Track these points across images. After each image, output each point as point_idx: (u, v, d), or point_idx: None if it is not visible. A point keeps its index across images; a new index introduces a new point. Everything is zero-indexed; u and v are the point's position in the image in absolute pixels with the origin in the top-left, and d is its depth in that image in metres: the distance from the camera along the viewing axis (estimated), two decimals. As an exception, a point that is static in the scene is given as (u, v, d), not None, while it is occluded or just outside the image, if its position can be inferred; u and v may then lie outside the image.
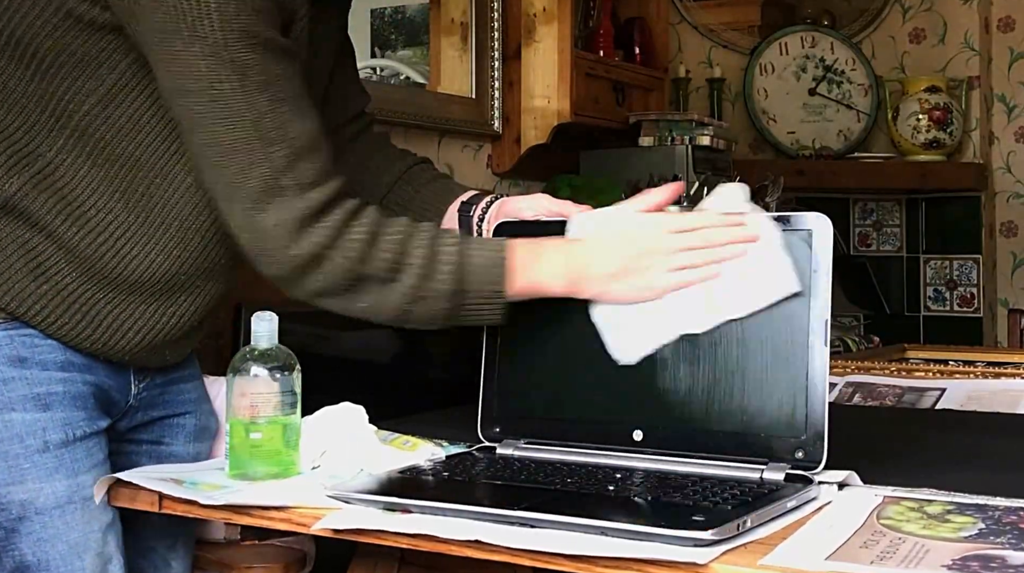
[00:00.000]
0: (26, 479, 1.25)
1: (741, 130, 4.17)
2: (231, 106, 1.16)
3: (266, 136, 1.17)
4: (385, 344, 2.07)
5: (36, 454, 1.25)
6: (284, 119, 1.18)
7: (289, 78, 1.20)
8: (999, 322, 4.23)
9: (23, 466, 1.25)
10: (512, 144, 3.22)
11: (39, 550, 1.25)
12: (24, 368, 1.26)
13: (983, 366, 2.43)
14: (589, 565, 0.98)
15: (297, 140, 1.19)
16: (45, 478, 1.25)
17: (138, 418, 1.41)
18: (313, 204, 1.19)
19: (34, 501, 1.25)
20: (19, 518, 1.25)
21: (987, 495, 1.12)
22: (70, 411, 1.28)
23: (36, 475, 1.25)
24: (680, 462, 1.23)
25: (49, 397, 1.27)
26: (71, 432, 1.28)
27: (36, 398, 1.26)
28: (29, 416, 1.25)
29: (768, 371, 1.21)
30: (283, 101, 1.18)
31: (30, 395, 1.26)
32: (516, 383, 1.35)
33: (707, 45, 4.30)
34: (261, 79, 1.17)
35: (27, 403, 1.25)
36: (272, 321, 1.27)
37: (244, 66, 1.15)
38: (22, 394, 1.25)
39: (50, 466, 1.26)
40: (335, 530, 1.11)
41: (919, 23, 4.34)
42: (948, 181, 4.19)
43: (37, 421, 1.26)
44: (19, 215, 1.25)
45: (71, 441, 1.27)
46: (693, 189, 3.23)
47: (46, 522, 1.25)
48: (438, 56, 3.20)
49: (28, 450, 1.25)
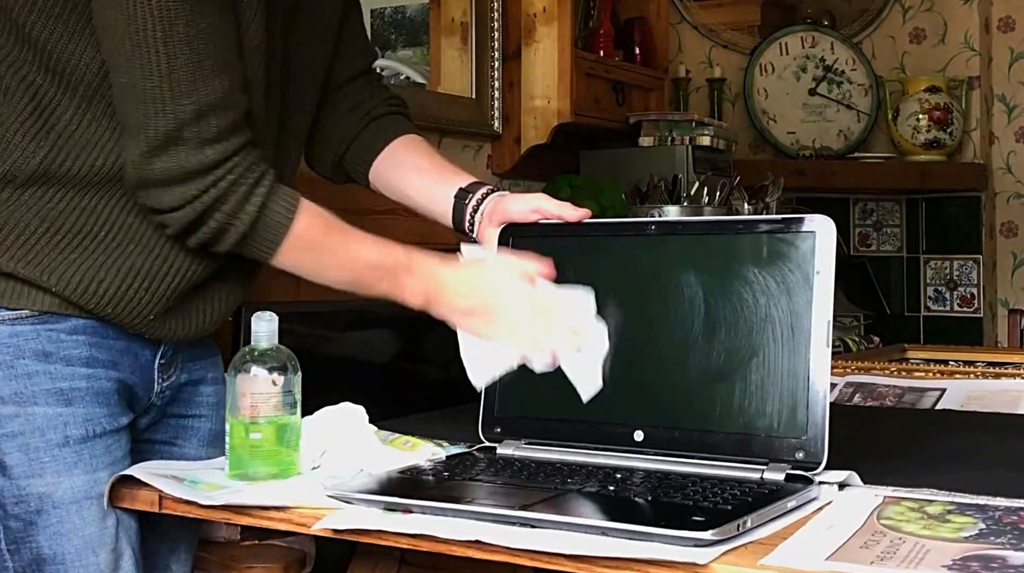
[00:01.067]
0: (45, 473, 1.26)
1: (741, 130, 4.17)
2: (151, 55, 1.19)
3: (179, 88, 1.20)
4: (385, 344, 2.06)
5: (56, 448, 1.27)
6: (200, 74, 1.21)
7: (215, 34, 1.23)
8: (999, 322, 4.23)
9: (43, 460, 1.26)
10: (512, 144, 3.22)
11: (55, 544, 1.27)
12: (49, 363, 1.27)
13: (983, 366, 2.43)
14: (589, 565, 0.98)
15: (209, 96, 1.22)
16: (64, 472, 1.27)
17: (155, 415, 1.41)
18: (205, 160, 1.23)
19: (52, 495, 1.26)
20: (37, 511, 1.26)
21: (987, 495, 1.12)
22: (92, 407, 1.29)
23: (55, 469, 1.26)
24: (680, 462, 1.23)
25: (72, 392, 1.28)
26: (92, 428, 1.29)
27: (59, 393, 1.27)
28: (51, 410, 1.27)
29: (769, 371, 1.21)
30: (204, 56, 1.21)
31: (53, 390, 1.27)
32: (517, 383, 1.35)
33: (707, 45, 4.30)
34: (185, 33, 1.20)
35: (50, 398, 1.27)
36: (272, 321, 1.27)
37: (171, 18, 1.19)
38: (45, 388, 1.27)
39: (69, 461, 1.27)
40: (335, 530, 1.11)
41: (919, 23, 4.34)
42: (948, 181, 4.19)
43: (59, 416, 1.27)
44: (43, 184, 1.27)
45: (91, 437, 1.29)
46: (693, 189, 3.23)
47: (63, 516, 1.27)
48: (438, 56, 3.20)
49: (49, 444, 1.26)
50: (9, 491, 1.26)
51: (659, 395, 1.27)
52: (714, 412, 1.24)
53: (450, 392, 1.68)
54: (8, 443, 1.26)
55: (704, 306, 1.26)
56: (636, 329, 1.31)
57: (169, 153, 1.22)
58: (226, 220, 1.25)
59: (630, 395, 1.28)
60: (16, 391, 1.26)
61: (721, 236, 1.28)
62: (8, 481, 1.26)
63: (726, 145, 3.52)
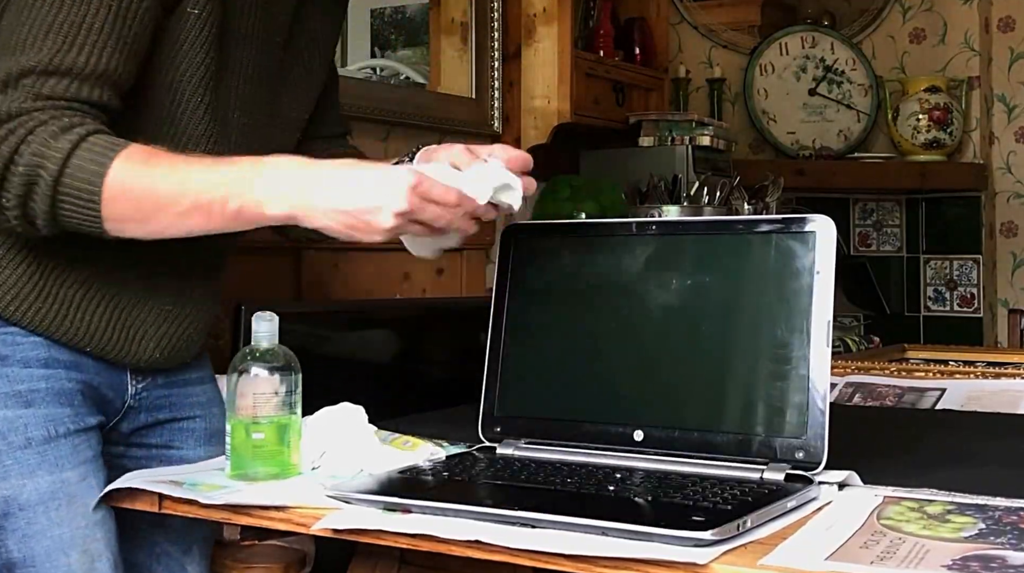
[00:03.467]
0: (9, 475, 1.26)
1: (741, 130, 4.17)
2: None
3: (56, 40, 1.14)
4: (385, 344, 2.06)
5: (18, 450, 1.26)
6: (83, 42, 1.15)
7: (126, 15, 1.17)
8: (999, 322, 4.23)
9: (6, 462, 1.26)
10: (512, 144, 3.21)
11: (24, 546, 1.26)
12: (5, 366, 1.27)
13: (983, 366, 2.43)
14: (589, 565, 0.98)
15: (75, 65, 1.14)
16: (27, 474, 1.26)
17: (141, 420, 1.40)
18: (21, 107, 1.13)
19: (17, 497, 1.26)
20: (4, 514, 1.26)
21: (987, 495, 1.12)
22: (53, 408, 1.28)
23: (19, 471, 1.26)
24: (680, 462, 1.23)
25: (31, 394, 1.27)
26: (54, 428, 1.28)
27: (17, 395, 1.27)
28: (11, 413, 1.26)
29: (769, 371, 1.21)
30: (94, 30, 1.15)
31: (11, 393, 1.27)
32: (516, 383, 1.35)
33: (707, 45, 4.30)
34: None
35: (8, 400, 1.26)
36: (272, 321, 1.27)
37: None
38: (3, 392, 1.26)
39: (32, 462, 1.26)
40: (335, 530, 1.11)
41: (919, 23, 4.34)
42: (948, 181, 4.19)
43: (19, 417, 1.26)
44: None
45: (54, 437, 1.28)
46: (693, 189, 3.23)
47: (30, 518, 1.26)
48: (438, 56, 3.20)
49: (11, 447, 1.26)
50: None
51: (659, 395, 1.27)
52: (714, 412, 1.24)
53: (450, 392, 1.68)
54: None
55: (704, 306, 1.26)
56: (636, 329, 1.31)
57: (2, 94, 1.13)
58: (31, 168, 1.12)
59: (630, 395, 1.28)
60: None
61: (721, 236, 1.28)
62: None
63: (726, 145, 3.52)
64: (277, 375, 1.25)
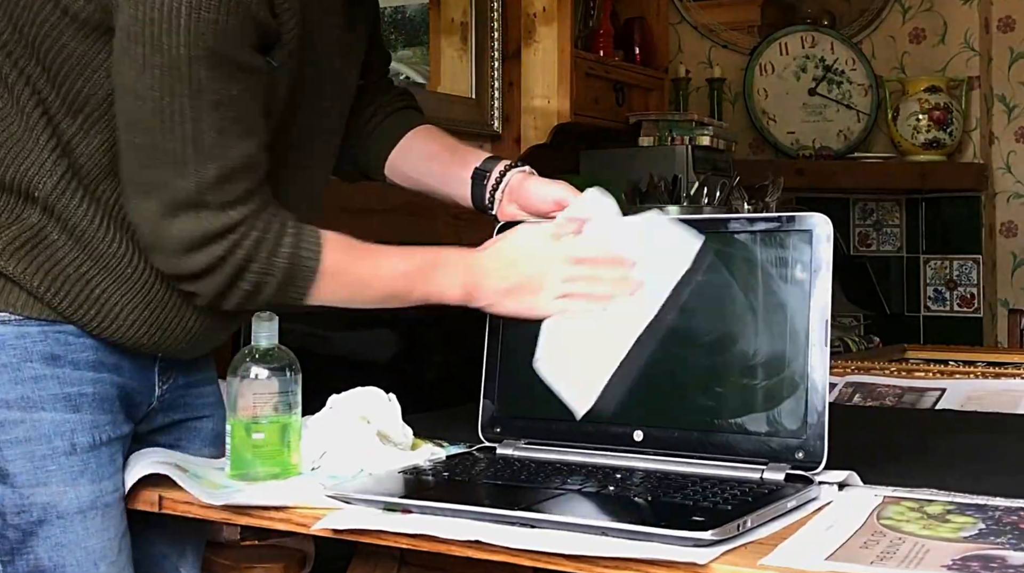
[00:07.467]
0: (51, 481, 1.22)
1: (741, 130, 4.17)
2: (176, 118, 1.15)
3: (203, 152, 1.16)
4: (385, 344, 2.07)
5: (63, 456, 1.23)
6: (227, 139, 1.17)
7: (245, 97, 1.19)
8: (999, 322, 4.23)
9: (49, 468, 1.22)
10: (512, 144, 3.22)
11: (56, 555, 1.23)
12: (57, 366, 1.24)
13: (983, 366, 2.43)
14: (589, 565, 0.98)
15: (233, 160, 1.18)
16: (70, 482, 1.23)
17: (158, 421, 1.38)
18: (228, 222, 1.19)
19: (57, 504, 1.22)
20: (39, 521, 1.22)
21: (987, 495, 1.12)
22: (98, 414, 1.26)
23: (61, 478, 1.23)
24: (680, 462, 1.23)
25: (79, 398, 1.25)
26: (99, 436, 1.25)
27: (67, 398, 1.24)
28: (58, 416, 1.23)
29: (768, 371, 1.21)
30: (232, 121, 1.17)
31: (61, 395, 1.24)
32: (516, 383, 1.35)
33: (707, 45, 4.30)
34: (215, 98, 1.15)
35: (57, 403, 1.23)
36: (272, 321, 1.27)
37: (200, 84, 1.14)
38: (53, 393, 1.23)
39: (76, 470, 1.23)
40: (335, 530, 1.11)
41: (919, 23, 4.34)
42: (948, 181, 4.19)
43: (66, 422, 1.23)
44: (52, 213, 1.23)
45: (97, 445, 1.25)
46: (693, 189, 3.23)
47: (67, 526, 1.23)
48: (438, 56, 3.20)
49: (55, 452, 1.22)
50: (11, 500, 1.22)
51: (659, 395, 1.27)
52: (714, 412, 1.24)
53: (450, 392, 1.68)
54: (12, 450, 1.21)
55: (703, 305, 1.26)
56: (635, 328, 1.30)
57: (189, 215, 1.17)
58: (259, 277, 1.21)
59: (630, 395, 1.28)
60: (22, 395, 1.22)
61: (719, 235, 1.28)
62: (10, 490, 1.22)
63: (726, 145, 3.52)
64: (277, 375, 1.25)
